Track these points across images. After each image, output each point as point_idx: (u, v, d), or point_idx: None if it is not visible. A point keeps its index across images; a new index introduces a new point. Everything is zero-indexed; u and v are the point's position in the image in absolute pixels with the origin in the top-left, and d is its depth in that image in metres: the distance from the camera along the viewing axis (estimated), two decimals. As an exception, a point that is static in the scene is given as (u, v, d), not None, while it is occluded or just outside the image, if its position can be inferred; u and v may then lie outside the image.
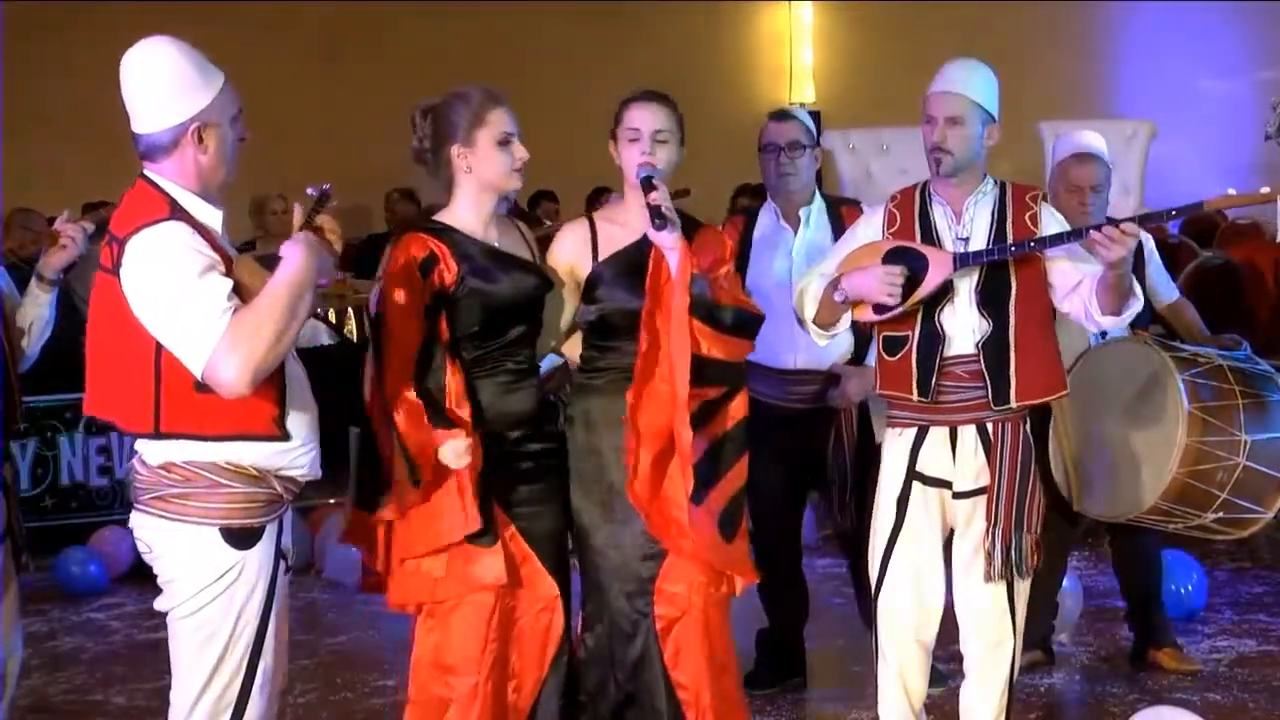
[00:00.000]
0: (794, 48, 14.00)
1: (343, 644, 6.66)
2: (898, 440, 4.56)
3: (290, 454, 3.60)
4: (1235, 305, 7.12)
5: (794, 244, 5.56)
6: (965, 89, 4.47)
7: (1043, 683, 5.82)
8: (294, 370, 3.65)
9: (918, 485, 4.53)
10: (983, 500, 4.47)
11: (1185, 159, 11.92)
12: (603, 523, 4.36)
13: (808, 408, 5.55)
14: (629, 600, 4.36)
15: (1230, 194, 4.71)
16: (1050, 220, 4.49)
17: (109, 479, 8.40)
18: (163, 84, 3.52)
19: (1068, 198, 5.48)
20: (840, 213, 5.55)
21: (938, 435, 4.50)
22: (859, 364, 5.47)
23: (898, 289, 4.38)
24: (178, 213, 3.50)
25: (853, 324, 4.62)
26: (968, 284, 4.44)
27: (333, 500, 8.37)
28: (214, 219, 3.58)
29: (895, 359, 4.50)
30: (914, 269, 4.40)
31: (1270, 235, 9.56)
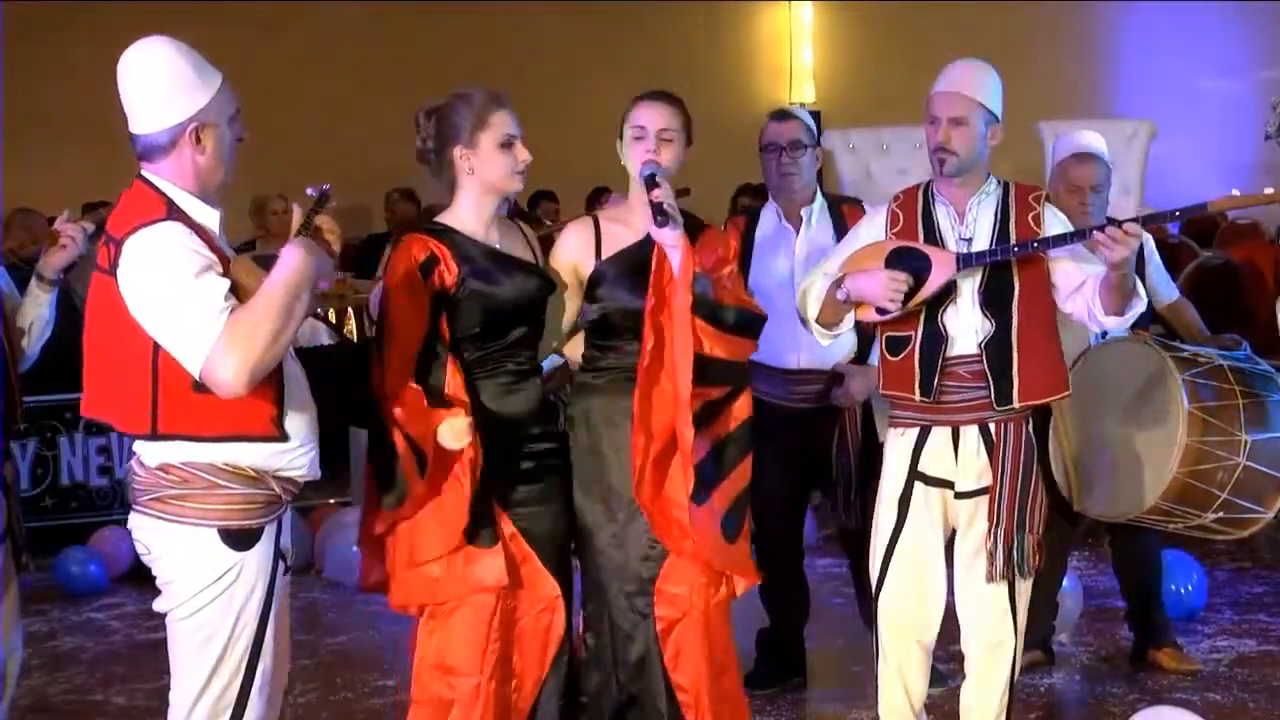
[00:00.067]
0: (794, 48, 14.00)
1: (343, 644, 6.66)
2: (900, 440, 4.56)
3: (289, 455, 3.60)
4: (1235, 305, 7.10)
5: (796, 244, 5.55)
6: (969, 89, 4.47)
7: (1043, 683, 5.81)
8: (292, 370, 3.64)
9: (919, 485, 4.52)
10: (985, 500, 4.47)
11: (1185, 159, 11.92)
12: (604, 523, 4.35)
13: (811, 407, 5.54)
14: (630, 600, 4.35)
15: (1234, 195, 4.70)
16: (1053, 221, 4.48)
17: (109, 479, 8.39)
18: (160, 84, 3.51)
19: (1068, 198, 5.47)
20: (842, 211, 5.54)
21: (940, 435, 4.50)
22: (862, 363, 5.46)
23: (900, 295, 4.38)
24: (175, 213, 3.49)
25: (856, 323, 4.61)
26: (971, 284, 4.44)
27: (333, 500, 8.38)
28: (211, 219, 3.57)
29: (898, 359, 4.50)
30: (917, 269, 4.40)
31: (1270, 235, 9.58)
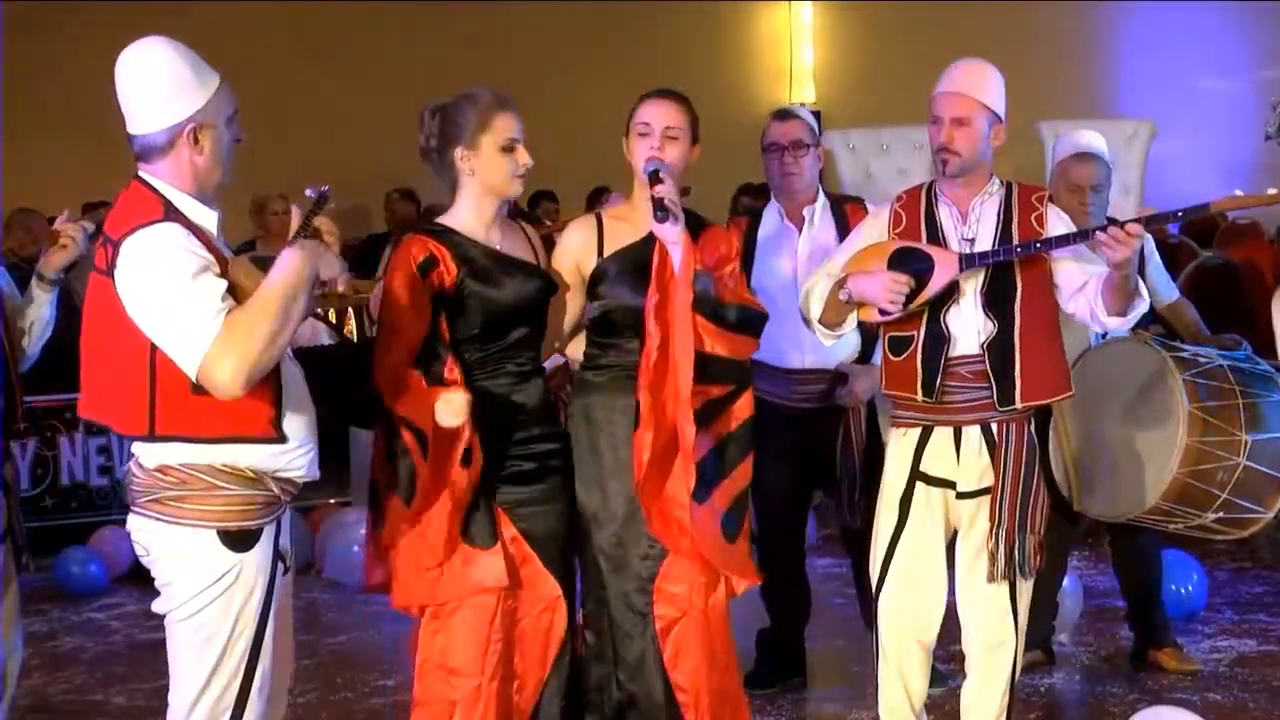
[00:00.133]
0: (794, 48, 13.98)
1: (343, 644, 6.66)
2: (902, 440, 4.56)
3: (287, 456, 3.59)
4: (1235, 305, 7.10)
5: (799, 243, 5.54)
6: (972, 89, 4.46)
7: (1043, 683, 5.82)
8: (291, 372, 3.63)
9: (921, 485, 4.53)
10: (986, 500, 4.47)
11: (1185, 159, 11.90)
12: (604, 521, 4.35)
13: (814, 407, 5.54)
14: (629, 599, 4.35)
15: (1237, 195, 4.69)
16: (1056, 221, 4.48)
17: (109, 479, 8.40)
18: (158, 85, 3.50)
19: (1068, 197, 5.47)
20: (844, 211, 5.53)
21: (942, 435, 4.50)
22: (866, 363, 5.46)
23: (901, 296, 4.37)
24: (172, 214, 3.48)
25: (860, 322, 4.62)
26: (973, 285, 4.44)
27: (333, 500, 8.38)
28: (209, 220, 3.56)
29: (900, 359, 4.50)
30: (919, 270, 4.40)
31: (1270, 235, 9.57)
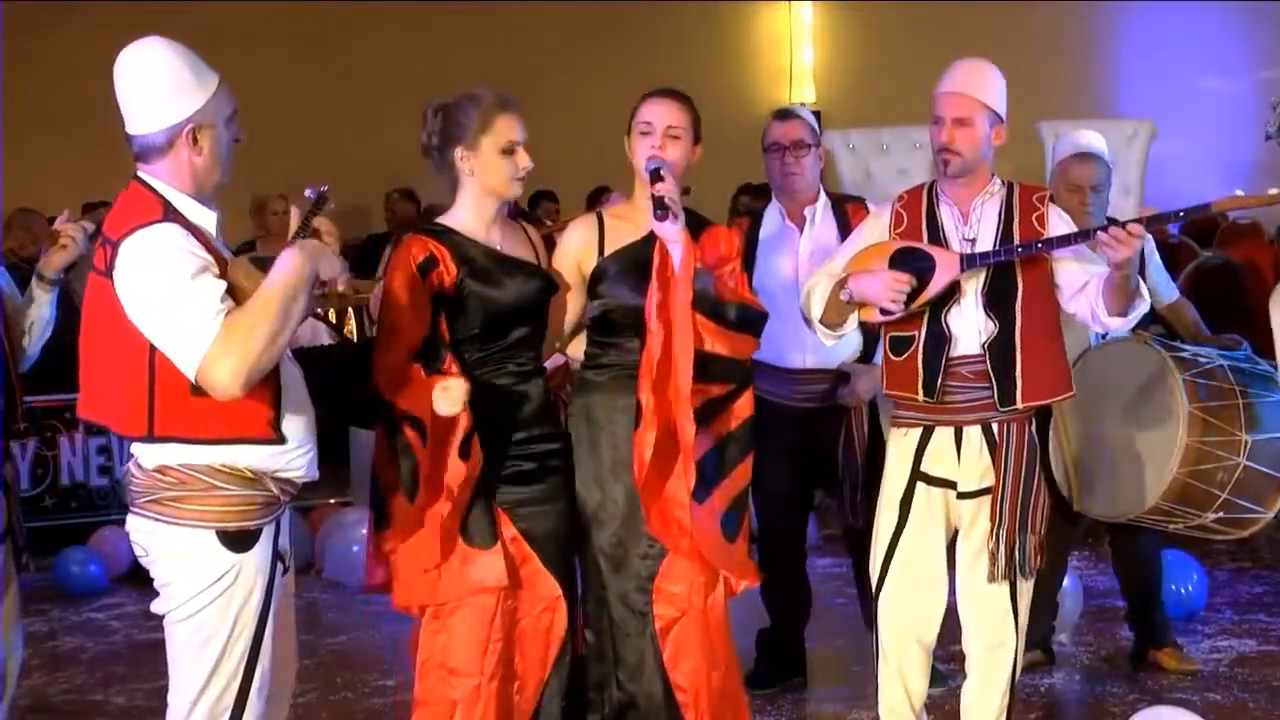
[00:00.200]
0: (794, 48, 13.97)
1: (343, 644, 6.66)
2: (903, 440, 4.56)
3: (286, 456, 3.58)
4: (1235, 305, 7.10)
5: (800, 243, 5.54)
6: (973, 90, 4.46)
7: (1043, 683, 5.82)
8: (290, 372, 3.62)
9: (922, 485, 4.52)
10: (987, 501, 4.47)
11: (1185, 159, 11.89)
12: (604, 520, 4.35)
13: (816, 407, 5.54)
14: (629, 599, 4.35)
15: (1238, 195, 4.68)
16: (1057, 221, 4.48)
17: (109, 479, 8.40)
18: (157, 85, 3.50)
19: (1068, 197, 5.47)
20: (846, 210, 5.53)
21: (943, 435, 4.50)
22: (868, 362, 5.46)
23: (902, 296, 4.37)
24: (171, 214, 3.47)
25: (861, 322, 4.61)
26: (974, 285, 4.44)
27: (333, 500, 8.38)
28: (208, 221, 3.56)
29: (901, 359, 4.50)
30: (921, 270, 4.40)
31: (1270, 235, 9.57)
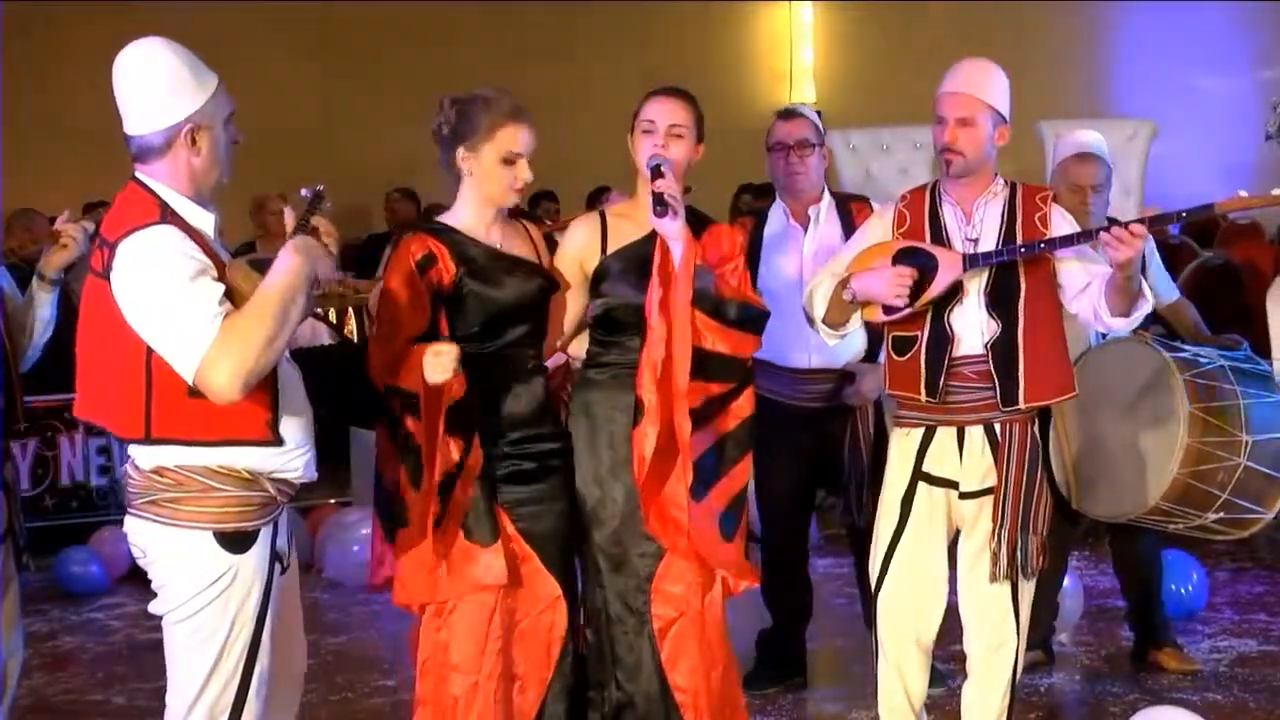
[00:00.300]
0: (794, 48, 13.97)
1: (343, 644, 6.66)
2: (905, 440, 4.56)
3: (284, 457, 3.58)
4: (1235, 305, 7.11)
5: (804, 243, 5.54)
6: (977, 90, 4.46)
7: (1043, 683, 5.82)
8: (287, 373, 3.62)
9: (923, 485, 4.52)
10: (989, 501, 4.47)
11: (1185, 159, 11.89)
12: (603, 519, 4.34)
13: (821, 406, 5.55)
14: (628, 599, 4.34)
15: (1241, 195, 4.67)
16: (1060, 221, 4.47)
17: (109, 479, 8.39)
18: (155, 85, 3.49)
19: (1069, 197, 5.46)
20: (850, 209, 5.53)
21: (945, 435, 4.49)
22: (872, 361, 5.46)
23: (905, 291, 4.37)
24: (169, 216, 3.47)
25: (865, 322, 4.61)
26: (977, 285, 4.44)
27: (332, 500, 8.38)
28: (206, 222, 3.55)
29: (904, 359, 4.50)
30: (923, 270, 4.40)
31: (1270, 235, 9.57)
